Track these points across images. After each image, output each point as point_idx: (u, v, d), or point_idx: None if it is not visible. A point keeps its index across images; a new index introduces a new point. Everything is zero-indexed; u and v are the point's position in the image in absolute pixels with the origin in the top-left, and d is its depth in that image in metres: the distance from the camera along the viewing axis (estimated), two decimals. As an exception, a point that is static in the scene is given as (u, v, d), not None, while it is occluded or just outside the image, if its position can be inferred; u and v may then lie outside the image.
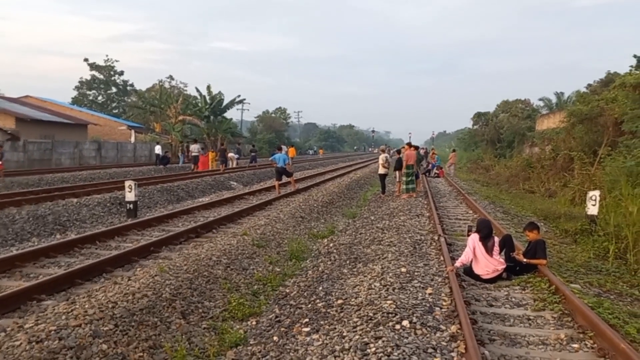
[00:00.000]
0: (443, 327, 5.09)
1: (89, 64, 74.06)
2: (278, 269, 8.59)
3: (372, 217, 12.88)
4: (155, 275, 6.93)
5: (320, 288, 7.00)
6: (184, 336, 5.66)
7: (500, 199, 18.05)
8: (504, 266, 7.06)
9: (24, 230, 11.22)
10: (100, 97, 76.03)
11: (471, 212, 13.83)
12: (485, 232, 7.09)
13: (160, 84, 63.27)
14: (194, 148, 30.78)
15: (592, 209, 11.41)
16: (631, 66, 22.97)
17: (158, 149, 33.64)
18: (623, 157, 15.53)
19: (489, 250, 7.00)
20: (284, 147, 37.57)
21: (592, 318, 5.08)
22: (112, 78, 75.56)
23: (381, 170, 17.47)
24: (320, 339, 5.10)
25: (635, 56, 22.95)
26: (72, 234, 11.21)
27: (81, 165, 32.16)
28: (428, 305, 5.70)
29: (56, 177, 22.44)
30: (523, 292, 6.58)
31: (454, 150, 35.44)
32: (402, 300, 5.80)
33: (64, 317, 5.26)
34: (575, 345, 4.87)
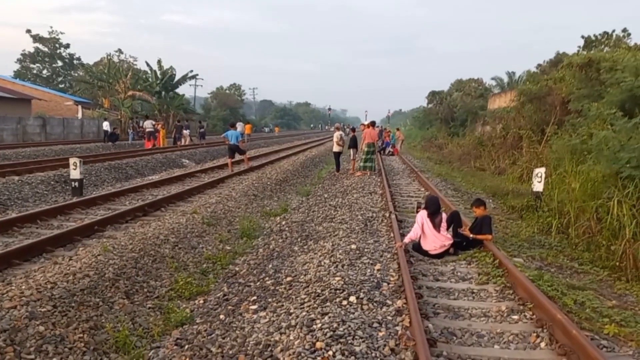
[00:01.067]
0: (389, 302, 5.14)
1: (32, 36, 70.45)
2: (228, 248, 8.47)
3: (326, 195, 12.87)
4: (99, 255, 6.70)
5: (270, 266, 6.95)
6: (127, 316, 5.50)
7: (452, 176, 18.40)
8: (451, 242, 7.19)
9: (-41, 209, 10.63)
10: (45, 71, 72.63)
11: (423, 189, 14.04)
12: (433, 209, 7.18)
13: (109, 57, 60.81)
14: (148, 124, 29.96)
15: (538, 186, 11.75)
16: (579, 46, 23.70)
17: (106, 126, 32.48)
18: (568, 136, 16.07)
19: (437, 226, 7.10)
20: (239, 124, 37.03)
21: (532, 290, 5.23)
22: (58, 51, 72.20)
23: (336, 148, 17.45)
24: (267, 317, 5.06)
25: (582, 37, 23.67)
26: (12, 213, 10.68)
27: (25, 142, 30.70)
28: (376, 281, 5.74)
29: (-3, 153, 21.36)
30: (468, 266, 6.73)
31: (397, 129, 35.82)
32: (351, 277, 5.82)
33: (-3, 299, 5.01)
34: (515, 317, 5.01)
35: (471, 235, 7.34)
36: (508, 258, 6.58)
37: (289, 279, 6.14)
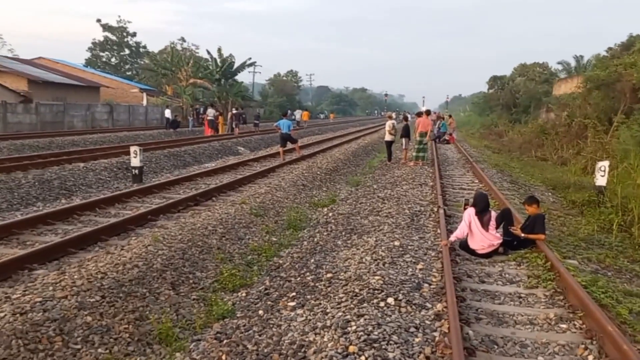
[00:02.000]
0: (429, 305, 5.02)
1: (101, 25, 73.54)
2: (274, 239, 8.56)
3: (375, 186, 12.74)
4: (149, 245, 6.93)
5: (312, 260, 6.96)
6: (171, 308, 5.68)
7: (510, 167, 17.75)
8: (500, 241, 6.93)
9: (29, 194, 11.28)
10: (113, 59, 75.75)
11: (477, 181, 13.61)
12: (482, 206, 6.93)
13: (173, 45, 62.58)
14: (210, 112, 30.83)
15: (601, 180, 11.13)
16: (654, 28, 22.06)
17: (168, 113, 33.56)
18: (638, 126, 15.08)
19: (485, 225, 6.85)
20: (297, 111, 37.43)
21: (583, 297, 4.96)
22: (125, 39, 75.05)
23: (387, 137, 17.21)
24: (304, 315, 5.07)
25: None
26: (77, 199, 11.25)
27: (93, 128, 32.23)
28: (417, 281, 5.62)
29: (67, 140, 22.54)
30: (518, 268, 6.46)
31: (449, 116, 34.73)
32: (391, 276, 5.73)
33: (51, 288, 5.29)
34: (564, 326, 4.77)
35: (522, 235, 7.04)
36: (561, 260, 6.26)
37: (329, 275, 6.12)
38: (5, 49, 67.20)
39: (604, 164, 11.18)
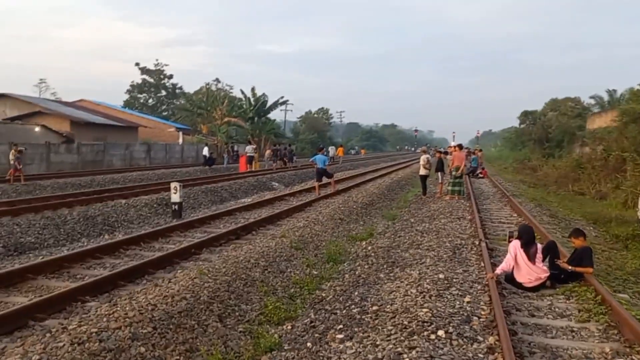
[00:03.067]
0: (480, 338, 4.96)
1: (140, 68, 76.56)
2: (315, 272, 8.60)
3: (412, 220, 12.71)
4: (195, 278, 7.06)
5: (356, 293, 6.96)
6: (220, 340, 5.75)
7: (548, 201, 17.47)
8: (547, 274, 6.81)
9: (74, 230, 11.69)
10: (150, 100, 78.40)
11: (515, 215, 13.44)
12: (527, 239, 6.86)
13: (207, 86, 64.57)
14: (249, 149, 31.71)
15: (646, 213, 10.87)
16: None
17: (206, 151, 34.39)
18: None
19: (531, 258, 6.76)
20: (332, 147, 38.00)
21: (640, 332, 4.83)
22: (162, 81, 77.77)
23: (422, 171, 17.23)
24: (353, 347, 5.06)
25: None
26: (119, 234, 11.57)
27: (131, 166, 33.23)
28: (465, 314, 5.57)
29: (107, 178, 23.29)
30: (567, 301, 6.33)
31: (480, 150, 34.57)
32: (439, 309, 5.69)
33: (105, 319, 5.44)
34: (621, 360, 4.64)
35: (570, 268, 6.91)
36: (612, 294, 6.12)
37: (375, 308, 6.11)
38: (49, 93, 70.57)
39: (649, 197, 10.93)
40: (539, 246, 6.97)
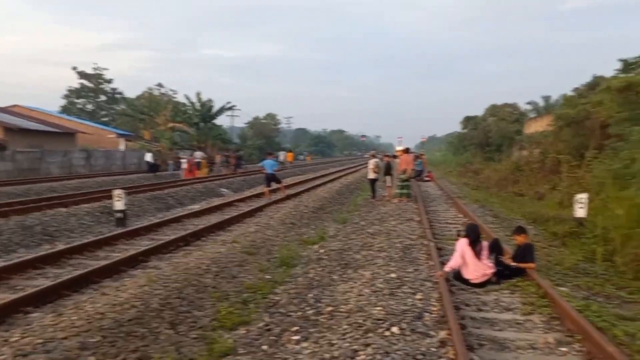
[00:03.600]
0: (433, 333, 5.10)
1: (77, 72, 73.51)
2: (268, 276, 8.54)
3: (363, 223, 12.88)
4: (144, 286, 6.88)
5: (310, 295, 6.99)
6: (172, 346, 5.62)
7: (490, 202, 18.13)
8: (493, 270, 7.09)
9: (11, 241, 11.08)
10: (89, 106, 75.43)
11: (461, 215, 13.89)
12: (474, 237, 7.12)
13: (150, 91, 62.98)
14: (198, 155, 31.18)
15: (580, 212, 11.50)
16: (617, 70, 23.29)
17: (149, 157, 33.48)
18: (610, 160, 15.67)
19: (478, 255, 7.02)
20: (282, 152, 38.05)
21: (580, 321, 5.11)
22: (101, 86, 75.03)
23: (371, 175, 17.50)
24: (309, 347, 5.09)
25: (620, 60, 23.24)
26: (60, 244, 11.07)
27: (71, 174, 31.88)
28: (417, 311, 5.71)
29: (45, 186, 22.23)
30: (512, 296, 6.61)
31: (423, 154, 35.70)
32: (392, 307, 5.81)
33: (50, 329, 5.22)
34: (564, 349, 4.90)
35: (513, 264, 7.22)
36: (553, 287, 6.44)
37: (329, 308, 6.17)
38: (-20, 98, 66.61)
39: (583, 197, 11.58)
40: (485, 244, 7.25)
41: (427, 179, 27.21)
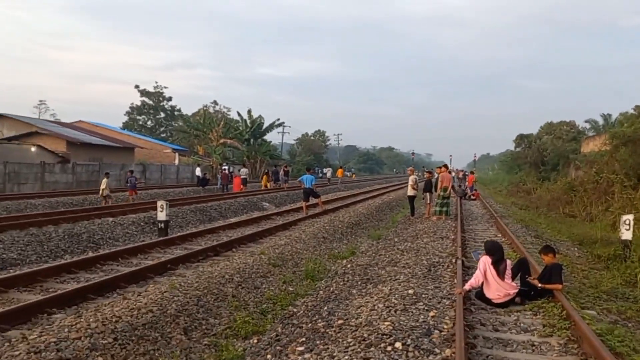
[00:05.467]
0: (437, 351, 4.94)
1: (139, 91, 77.18)
2: (291, 289, 8.58)
3: (396, 239, 12.71)
4: (165, 292, 7.06)
5: (325, 308, 6.95)
6: (182, 352, 5.73)
7: (537, 222, 17.48)
8: (516, 290, 6.81)
9: (58, 247, 11.66)
10: (149, 122, 78.85)
11: (500, 235, 13.45)
12: (497, 255, 6.87)
13: (205, 108, 65.14)
14: (243, 171, 31.88)
15: (626, 234, 10.89)
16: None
17: (198, 171, 34.52)
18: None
19: (501, 274, 6.77)
20: (329, 169, 38.43)
21: (596, 345, 4.82)
22: (161, 104, 78.35)
23: (410, 192, 17.28)
24: (311, 359, 5.05)
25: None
26: (103, 251, 11.55)
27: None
28: (427, 327, 5.56)
29: (99, 197, 23.26)
30: (534, 317, 6.32)
31: (472, 173, 34.83)
32: (402, 322, 5.68)
33: (66, 329, 5.43)
34: (576, 373, 4.63)
35: (539, 285, 6.91)
36: (578, 310, 6.11)
37: (340, 321, 6.10)
38: (48, 114, 71.09)
39: (629, 218, 10.96)
40: (509, 262, 6.99)
41: (472, 197, 26.56)
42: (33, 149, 31.83)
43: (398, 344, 5.00)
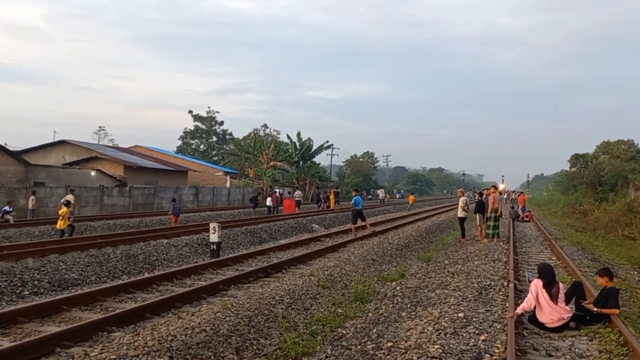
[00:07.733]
0: (487, 376, 4.89)
1: (192, 116, 79.94)
2: (340, 311, 8.64)
3: (446, 262, 12.55)
4: (217, 312, 7.29)
5: (374, 330, 6.97)
6: (234, 371, 5.89)
7: (594, 245, 16.81)
8: (570, 314, 6.61)
9: (116, 268, 12.19)
10: (202, 146, 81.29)
11: (554, 258, 13.03)
12: (548, 278, 6.72)
13: (255, 132, 66.63)
14: (297, 194, 32.43)
15: (692, 257, 10.34)
16: None
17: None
18: None
19: (554, 298, 6.60)
20: (380, 190, 38.59)
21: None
22: (213, 128, 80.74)
23: (460, 214, 17.03)
24: (360, 381, 5.09)
25: None
26: (158, 272, 11.97)
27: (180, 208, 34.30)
28: (477, 351, 5.49)
29: (154, 219, 24.17)
30: (589, 343, 6.12)
31: (522, 193, 33.97)
32: (451, 345, 5.65)
33: (125, 347, 5.72)
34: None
35: (595, 309, 6.69)
36: (635, 335, 5.88)
37: (389, 344, 6.11)
38: (107, 139, 74.62)
39: (695, 239, 10.42)
40: (561, 286, 6.81)
41: (526, 219, 25.82)
42: (93, 173, 33.46)
43: (447, 368, 4.97)
